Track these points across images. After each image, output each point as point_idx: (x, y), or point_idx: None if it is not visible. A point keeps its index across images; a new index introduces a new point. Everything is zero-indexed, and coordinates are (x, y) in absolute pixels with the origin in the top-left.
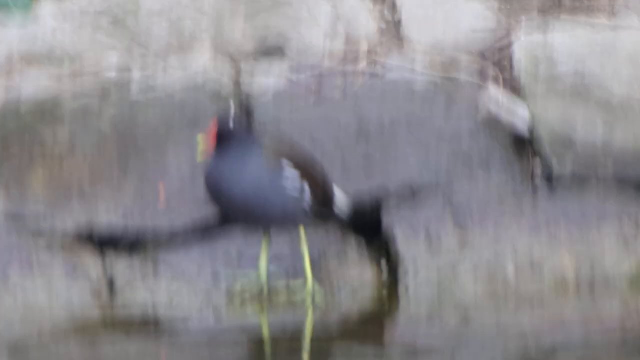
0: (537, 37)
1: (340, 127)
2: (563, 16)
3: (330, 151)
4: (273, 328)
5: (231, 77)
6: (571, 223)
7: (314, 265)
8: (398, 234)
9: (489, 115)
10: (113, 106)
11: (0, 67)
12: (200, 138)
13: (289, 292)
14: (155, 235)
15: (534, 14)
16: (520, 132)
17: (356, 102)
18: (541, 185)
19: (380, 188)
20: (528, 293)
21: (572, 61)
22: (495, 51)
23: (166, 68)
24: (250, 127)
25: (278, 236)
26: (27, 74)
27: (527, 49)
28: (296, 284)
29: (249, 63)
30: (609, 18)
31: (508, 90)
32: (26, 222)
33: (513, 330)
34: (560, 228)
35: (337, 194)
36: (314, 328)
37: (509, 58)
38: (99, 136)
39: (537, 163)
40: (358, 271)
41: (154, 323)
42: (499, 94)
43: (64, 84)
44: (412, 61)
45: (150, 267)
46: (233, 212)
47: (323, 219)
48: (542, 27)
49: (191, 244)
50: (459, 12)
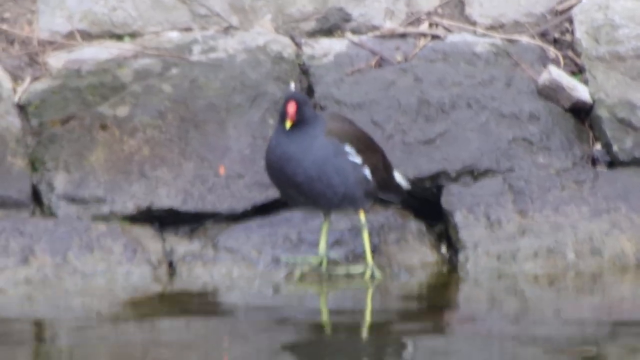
0: (598, 0)
1: (400, 95)
2: None
3: (388, 118)
4: (332, 313)
5: (291, 45)
6: (631, 209)
7: (374, 250)
8: (459, 220)
9: (550, 84)
10: (173, 79)
11: (61, 43)
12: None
13: (349, 277)
14: (215, 218)
15: None
16: (580, 106)
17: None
18: (601, 168)
19: (440, 168)
20: (588, 279)
21: (633, 24)
22: (556, 14)
23: (226, 38)
24: (313, 108)
25: (338, 221)
26: (88, 49)
27: (588, 12)
28: (356, 269)
29: (309, 35)
30: None
31: (569, 53)
32: (86, 205)
33: (573, 316)
34: (620, 213)
35: (397, 178)
36: (373, 312)
37: (570, 20)
38: (159, 112)
39: (598, 147)
40: (418, 256)
41: (213, 305)
42: (559, 67)
43: (125, 59)
44: (474, 30)
45: (210, 251)
46: (295, 193)
47: (383, 203)
48: None
49: (251, 228)
50: None
